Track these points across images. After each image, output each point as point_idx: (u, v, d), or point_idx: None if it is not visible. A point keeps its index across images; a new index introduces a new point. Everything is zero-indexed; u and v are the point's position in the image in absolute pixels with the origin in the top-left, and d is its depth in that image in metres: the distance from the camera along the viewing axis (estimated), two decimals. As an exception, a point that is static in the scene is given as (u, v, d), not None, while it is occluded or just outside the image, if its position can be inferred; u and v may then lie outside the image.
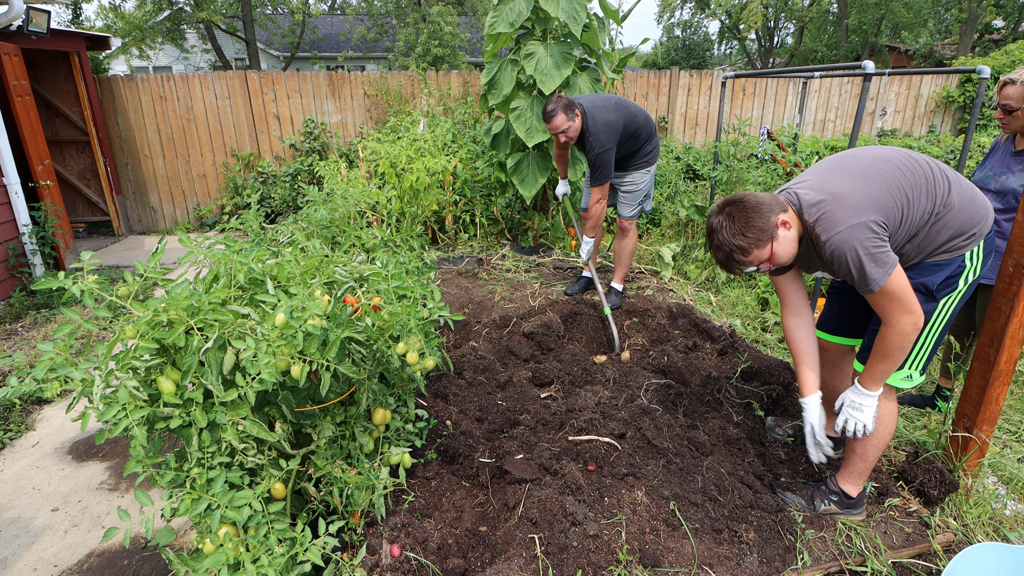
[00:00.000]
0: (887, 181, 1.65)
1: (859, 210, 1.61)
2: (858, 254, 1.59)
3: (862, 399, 1.80)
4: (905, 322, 1.65)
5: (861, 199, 1.63)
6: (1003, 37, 18.03)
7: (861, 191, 1.64)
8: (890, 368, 1.73)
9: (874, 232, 1.60)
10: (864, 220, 1.60)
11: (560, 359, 3.03)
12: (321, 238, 3.22)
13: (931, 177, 1.69)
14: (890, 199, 1.64)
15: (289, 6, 18.60)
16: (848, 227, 1.60)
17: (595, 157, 3.30)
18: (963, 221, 1.69)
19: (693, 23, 30.30)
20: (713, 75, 8.01)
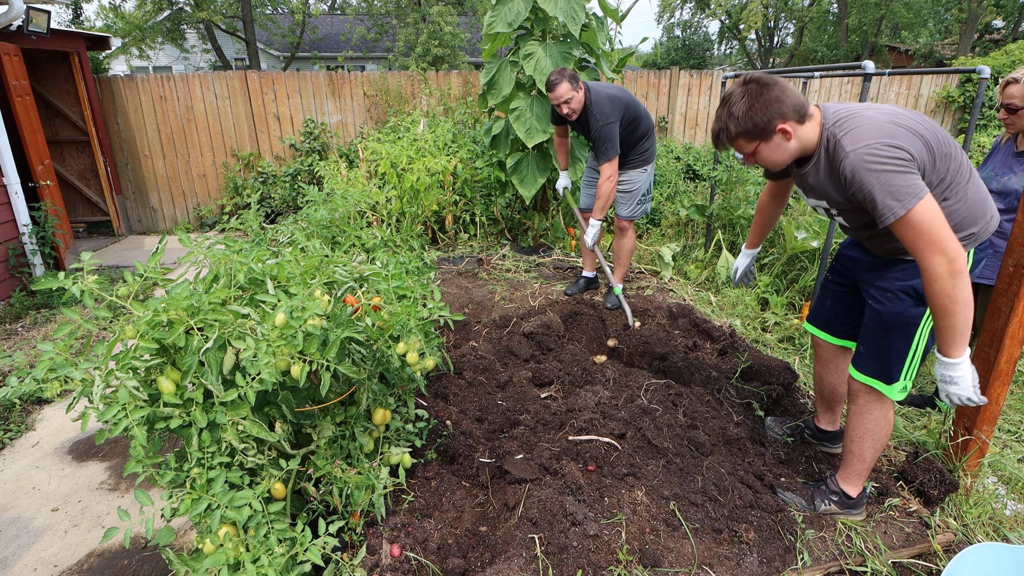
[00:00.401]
0: (922, 134, 1.56)
1: (892, 135, 1.50)
2: (881, 168, 1.46)
3: (951, 371, 1.60)
4: (936, 264, 1.46)
5: (896, 130, 1.52)
6: (1003, 37, 18.03)
7: (896, 125, 1.54)
8: (955, 323, 1.51)
9: (902, 157, 1.48)
10: (895, 143, 1.49)
11: (560, 359, 3.03)
12: (321, 238, 3.22)
13: (957, 158, 1.61)
14: (923, 148, 1.54)
15: (289, 6, 18.60)
16: (874, 142, 1.49)
17: (600, 130, 3.27)
18: (966, 216, 1.64)
19: (693, 23, 30.30)
20: (713, 75, 8.01)
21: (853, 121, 1.56)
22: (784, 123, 1.60)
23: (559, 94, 3.23)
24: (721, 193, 4.79)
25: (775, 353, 3.33)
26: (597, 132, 3.29)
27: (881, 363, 1.82)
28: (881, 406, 1.87)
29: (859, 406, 1.90)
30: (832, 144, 1.60)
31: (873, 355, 1.83)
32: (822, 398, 2.28)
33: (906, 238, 1.50)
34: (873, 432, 1.89)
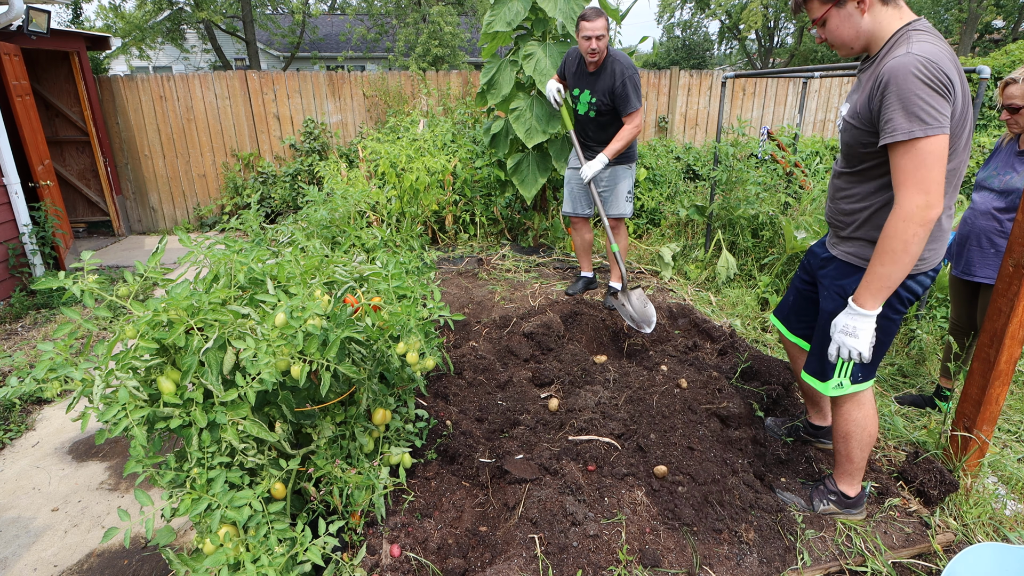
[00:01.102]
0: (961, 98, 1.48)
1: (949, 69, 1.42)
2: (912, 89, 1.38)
3: (856, 321, 1.57)
4: (914, 203, 1.41)
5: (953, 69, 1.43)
6: (1003, 37, 18.03)
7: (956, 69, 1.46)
8: (891, 272, 1.49)
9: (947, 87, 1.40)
10: (946, 72, 1.40)
11: (560, 359, 3.03)
12: (321, 238, 3.22)
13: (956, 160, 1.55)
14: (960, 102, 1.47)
15: (289, 6, 18.59)
16: (927, 57, 1.40)
17: (627, 79, 3.22)
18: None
19: (693, 23, 30.28)
20: (713, 75, 8.01)
21: (929, 37, 1.47)
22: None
23: (597, 26, 3.12)
24: (721, 193, 4.79)
25: (775, 353, 3.33)
26: (623, 81, 3.21)
27: (817, 360, 1.85)
28: (859, 407, 1.87)
29: (838, 408, 1.91)
30: (899, 39, 1.51)
31: (814, 353, 1.88)
32: (804, 394, 2.33)
33: (901, 166, 1.44)
34: (855, 434, 1.89)
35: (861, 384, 1.83)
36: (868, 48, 1.61)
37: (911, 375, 3.21)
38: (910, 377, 3.20)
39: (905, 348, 3.43)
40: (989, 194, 2.37)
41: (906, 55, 1.43)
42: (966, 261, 2.51)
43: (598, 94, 3.32)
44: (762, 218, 4.55)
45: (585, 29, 3.16)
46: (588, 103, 3.36)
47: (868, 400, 1.88)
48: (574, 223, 3.88)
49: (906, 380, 3.17)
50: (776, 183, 4.85)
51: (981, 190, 2.41)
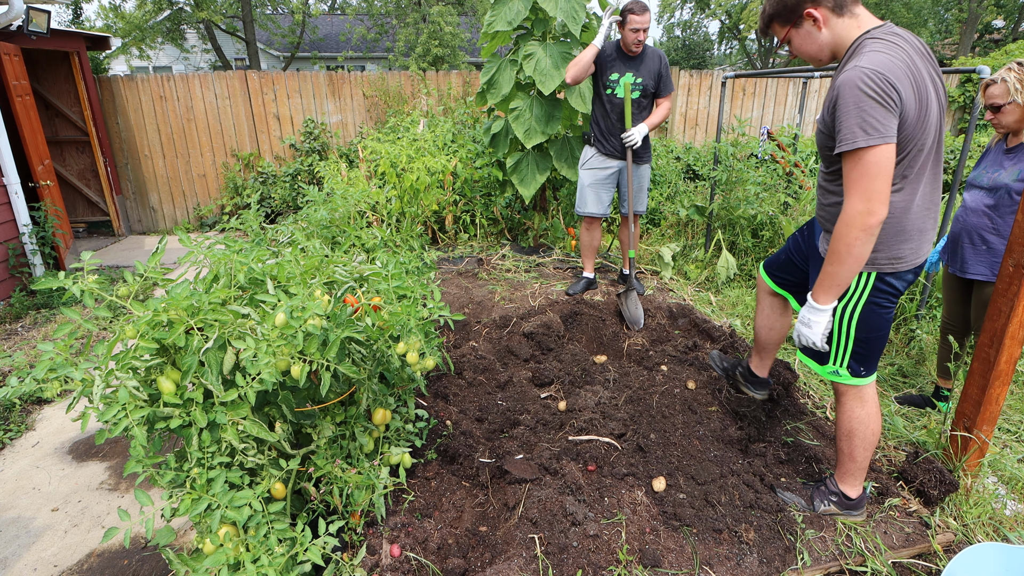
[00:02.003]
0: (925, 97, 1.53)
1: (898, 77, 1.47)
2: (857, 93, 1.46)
3: (811, 314, 1.73)
4: (856, 208, 1.51)
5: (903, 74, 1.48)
6: (1003, 37, 18.03)
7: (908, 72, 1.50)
8: (838, 271, 1.60)
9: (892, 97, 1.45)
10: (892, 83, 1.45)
11: (560, 359, 3.03)
12: (321, 238, 3.22)
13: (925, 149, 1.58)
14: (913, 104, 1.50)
15: (289, 6, 18.60)
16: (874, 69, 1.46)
17: (667, 66, 3.61)
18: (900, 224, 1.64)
19: (693, 23, 30.29)
20: (713, 75, 8.01)
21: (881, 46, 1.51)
22: (814, 8, 1.59)
23: (645, 20, 3.37)
24: (721, 193, 4.79)
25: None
26: (665, 63, 3.59)
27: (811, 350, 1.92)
28: (862, 404, 1.88)
29: (841, 404, 1.93)
30: (855, 49, 1.57)
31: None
32: (756, 341, 2.42)
33: (847, 173, 1.53)
34: (858, 431, 1.90)
35: (861, 379, 1.84)
36: (836, 57, 1.70)
37: (911, 375, 3.21)
38: (910, 377, 3.20)
39: (905, 348, 3.43)
40: (979, 192, 2.41)
41: (854, 68, 1.49)
42: (960, 259, 2.54)
43: (644, 75, 3.55)
44: (762, 218, 4.55)
45: (634, 22, 3.39)
46: (633, 84, 3.55)
47: (871, 397, 1.89)
48: (590, 224, 3.90)
49: (906, 380, 3.17)
50: (776, 183, 4.85)
51: (972, 189, 2.46)
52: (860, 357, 1.81)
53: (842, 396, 1.91)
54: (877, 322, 1.77)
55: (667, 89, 3.63)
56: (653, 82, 3.57)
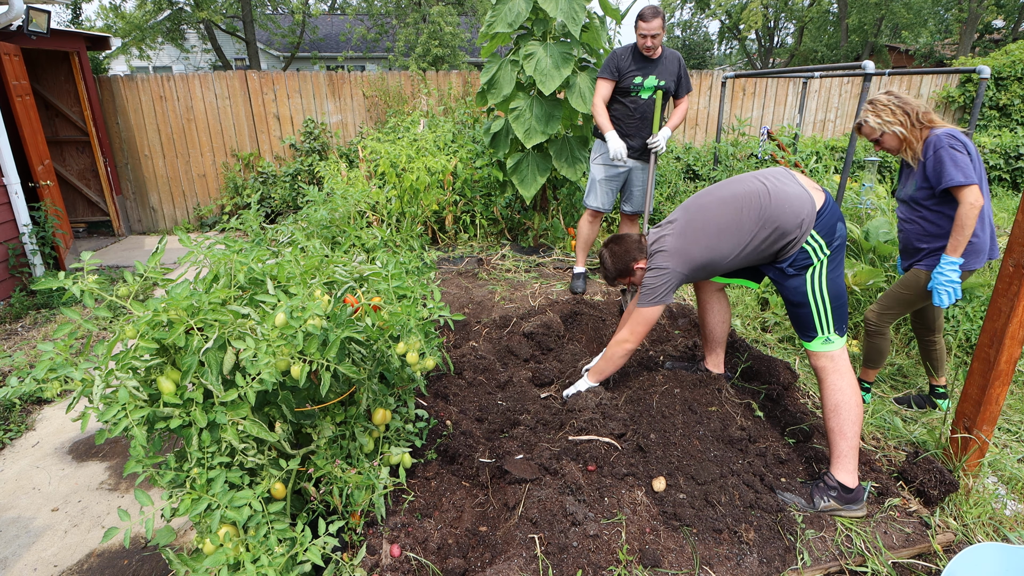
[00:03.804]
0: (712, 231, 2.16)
1: (667, 258, 2.24)
2: (647, 286, 2.28)
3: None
4: (624, 335, 2.38)
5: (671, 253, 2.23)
6: (1003, 37, 18.02)
7: (676, 247, 2.22)
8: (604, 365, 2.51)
9: (666, 274, 2.22)
10: (665, 266, 2.23)
11: (560, 359, 3.03)
12: (321, 238, 3.22)
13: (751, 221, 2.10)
14: (706, 252, 2.18)
15: (289, 6, 18.59)
16: (654, 267, 2.28)
17: (686, 68, 3.73)
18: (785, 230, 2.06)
19: (693, 23, 30.27)
20: (713, 75, 8.01)
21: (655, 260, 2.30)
22: (636, 260, 2.40)
23: (654, 26, 3.43)
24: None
25: (775, 353, 3.33)
26: (683, 65, 3.68)
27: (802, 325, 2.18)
28: (842, 376, 2.07)
29: (824, 382, 2.11)
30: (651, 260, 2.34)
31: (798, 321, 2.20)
32: (708, 340, 2.72)
33: (633, 315, 2.34)
34: (843, 404, 2.03)
35: (843, 338, 2.12)
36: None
37: (911, 375, 3.21)
38: (910, 377, 3.20)
39: (905, 348, 3.43)
40: (902, 205, 2.64)
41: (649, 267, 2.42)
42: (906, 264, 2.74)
43: (665, 77, 3.64)
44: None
45: (642, 28, 3.49)
46: (655, 86, 3.64)
47: (849, 369, 2.10)
48: (594, 217, 3.99)
49: (906, 380, 3.17)
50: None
51: (899, 203, 2.69)
52: (839, 317, 2.11)
53: (824, 372, 2.11)
54: (840, 284, 2.12)
55: (685, 89, 3.72)
56: (673, 83, 3.65)
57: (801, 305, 2.13)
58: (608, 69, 3.68)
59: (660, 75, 3.62)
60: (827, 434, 2.10)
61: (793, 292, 2.14)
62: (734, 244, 2.14)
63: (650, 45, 3.49)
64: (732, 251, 2.16)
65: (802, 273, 2.10)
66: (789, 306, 2.20)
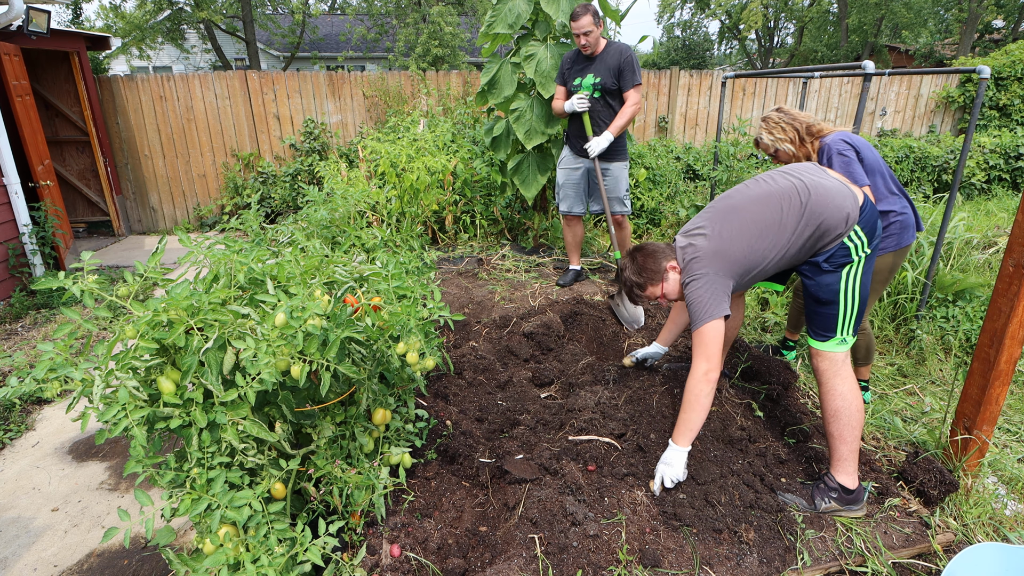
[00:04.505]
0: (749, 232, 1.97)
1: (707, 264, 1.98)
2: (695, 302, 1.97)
3: (673, 456, 2.01)
4: (700, 367, 1.94)
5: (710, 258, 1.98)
6: (1003, 37, 18.02)
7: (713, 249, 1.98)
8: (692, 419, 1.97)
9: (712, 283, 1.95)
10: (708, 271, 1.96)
11: (560, 359, 3.03)
12: (321, 238, 3.22)
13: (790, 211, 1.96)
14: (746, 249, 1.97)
15: (289, 6, 18.59)
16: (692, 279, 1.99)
17: (628, 57, 3.51)
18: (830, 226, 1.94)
19: (693, 23, 30.25)
20: (713, 75, 8.01)
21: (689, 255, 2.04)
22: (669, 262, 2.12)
23: (582, 24, 3.39)
24: (721, 192, 4.78)
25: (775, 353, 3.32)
26: (625, 58, 3.51)
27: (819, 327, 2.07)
28: (842, 381, 2.01)
29: (825, 386, 2.05)
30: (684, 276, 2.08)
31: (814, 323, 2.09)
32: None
33: (694, 341, 1.97)
34: (843, 409, 1.99)
35: (853, 339, 2.04)
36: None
37: (911, 375, 3.21)
38: (910, 377, 3.20)
39: (905, 348, 3.43)
40: None
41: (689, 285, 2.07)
42: None
43: (602, 74, 3.54)
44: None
45: (572, 27, 3.46)
46: (592, 84, 3.57)
47: (849, 372, 2.03)
48: (569, 220, 4.04)
49: (906, 380, 3.17)
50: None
51: None
52: (859, 320, 2.04)
53: (826, 375, 2.04)
54: (868, 286, 2.03)
55: (629, 83, 3.54)
56: (612, 79, 3.53)
57: (829, 304, 2.00)
58: (559, 74, 3.75)
59: (597, 72, 3.55)
60: (827, 438, 2.06)
61: (825, 290, 2.01)
62: (777, 244, 1.97)
63: (585, 43, 3.45)
64: (775, 252, 1.98)
65: (838, 271, 1.98)
66: (814, 304, 2.06)
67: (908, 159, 7.34)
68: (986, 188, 7.88)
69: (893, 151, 7.33)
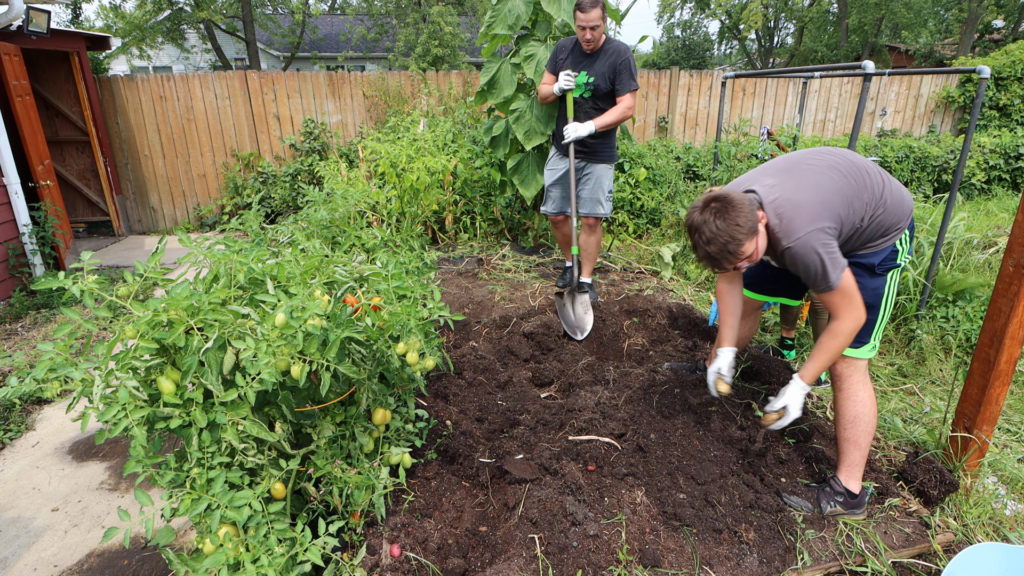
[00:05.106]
0: (838, 190, 1.80)
1: (815, 217, 1.75)
2: (820, 257, 1.73)
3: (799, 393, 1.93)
4: (853, 317, 1.80)
5: (817, 208, 1.76)
6: (1003, 37, 18.02)
7: (816, 199, 1.77)
8: (828, 364, 1.88)
9: (829, 236, 1.75)
10: (821, 226, 1.74)
11: (560, 359, 3.03)
12: (321, 238, 3.22)
13: (872, 184, 1.85)
14: (840, 206, 1.78)
15: (289, 6, 18.58)
16: (807, 233, 1.74)
17: (625, 59, 3.32)
18: (893, 219, 1.87)
19: (693, 23, 30.25)
20: (713, 75, 8.01)
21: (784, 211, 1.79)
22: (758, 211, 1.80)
23: (591, 17, 3.16)
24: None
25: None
26: (622, 60, 3.30)
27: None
28: (864, 386, 1.99)
29: (846, 391, 2.00)
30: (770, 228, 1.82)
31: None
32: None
33: (831, 301, 1.82)
34: (862, 416, 1.97)
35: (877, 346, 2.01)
36: None
37: (911, 375, 3.22)
38: (910, 377, 3.20)
39: (905, 348, 3.43)
40: None
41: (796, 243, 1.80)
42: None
43: (596, 75, 3.36)
44: (762, 218, 4.54)
45: (579, 19, 3.21)
46: (585, 84, 3.39)
47: (868, 378, 2.01)
48: (554, 220, 3.91)
49: (906, 379, 3.17)
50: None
51: None
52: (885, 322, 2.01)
53: (847, 381, 1.99)
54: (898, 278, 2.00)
55: (625, 87, 3.35)
56: (606, 82, 3.35)
57: (871, 309, 1.92)
58: (550, 61, 3.51)
59: (591, 72, 3.35)
60: (839, 443, 2.03)
61: (871, 294, 1.93)
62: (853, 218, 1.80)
63: (589, 38, 3.24)
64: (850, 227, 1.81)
65: (885, 275, 1.94)
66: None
67: (908, 159, 7.34)
68: (986, 188, 7.88)
69: (893, 151, 7.33)
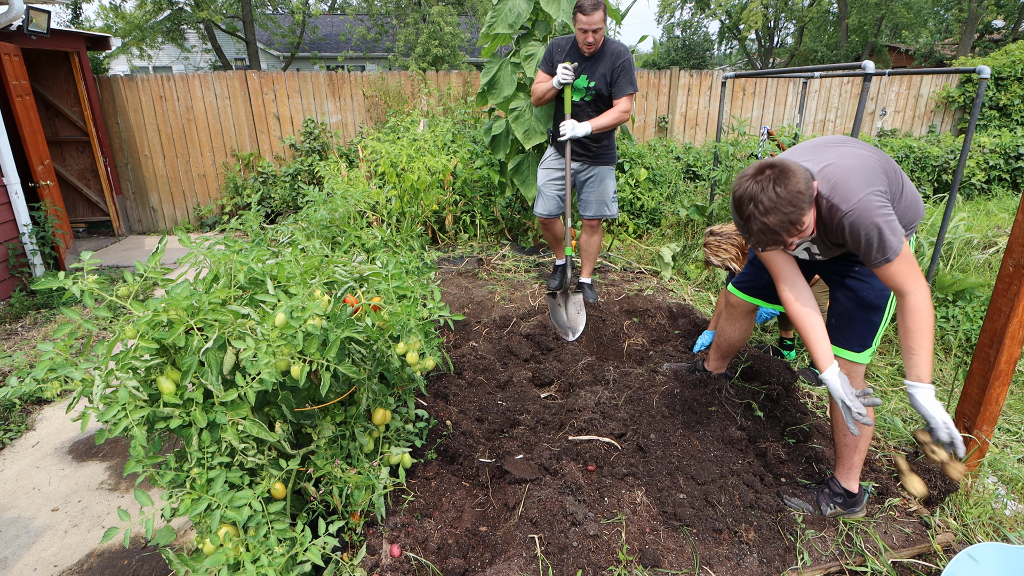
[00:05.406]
0: (877, 162, 1.73)
1: (871, 180, 1.62)
2: (878, 226, 1.57)
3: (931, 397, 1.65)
4: (922, 285, 1.63)
5: (867, 174, 1.64)
6: (1003, 37, 18.02)
7: (864, 166, 1.66)
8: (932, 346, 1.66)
9: (885, 199, 1.61)
10: (876, 188, 1.61)
11: (560, 359, 3.03)
12: (321, 238, 3.21)
13: (893, 171, 1.80)
14: (883, 174, 1.70)
15: (289, 6, 18.59)
16: (865, 195, 1.58)
17: (624, 61, 3.21)
18: (906, 218, 1.81)
19: (693, 23, 30.24)
20: (713, 75, 8.01)
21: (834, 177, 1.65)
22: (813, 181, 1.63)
23: (594, 20, 3.06)
24: (721, 193, 4.79)
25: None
26: (621, 63, 3.21)
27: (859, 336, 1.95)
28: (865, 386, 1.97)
29: None
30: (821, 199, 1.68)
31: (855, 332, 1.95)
32: (720, 349, 2.58)
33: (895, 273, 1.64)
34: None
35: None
36: None
37: (911, 375, 3.21)
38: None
39: (905, 348, 3.43)
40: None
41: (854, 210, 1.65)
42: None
43: (596, 78, 3.27)
44: (762, 218, 4.54)
45: (581, 22, 3.10)
46: (585, 88, 3.31)
47: (864, 383, 2.01)
48: (545, 222, 3.81)
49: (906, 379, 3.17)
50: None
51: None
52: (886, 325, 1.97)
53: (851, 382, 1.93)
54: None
55: (622, 91, 3.25)
56: (604, 85, 3.27)
57: (877, 310, 1.89)
58: (545, 60, 3.38)
59: (592, 76, 3.26)
60: (838, 447, 2.01)
61: (878, 295, 1.89)
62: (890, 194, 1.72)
63: (591, 41, 3.13)
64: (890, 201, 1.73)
65: None
66: (859, 309, 1.92)
67: (908, 159, 7.34)
68: (986, 188, 7.88)
69: (893, 151, 7.33)
